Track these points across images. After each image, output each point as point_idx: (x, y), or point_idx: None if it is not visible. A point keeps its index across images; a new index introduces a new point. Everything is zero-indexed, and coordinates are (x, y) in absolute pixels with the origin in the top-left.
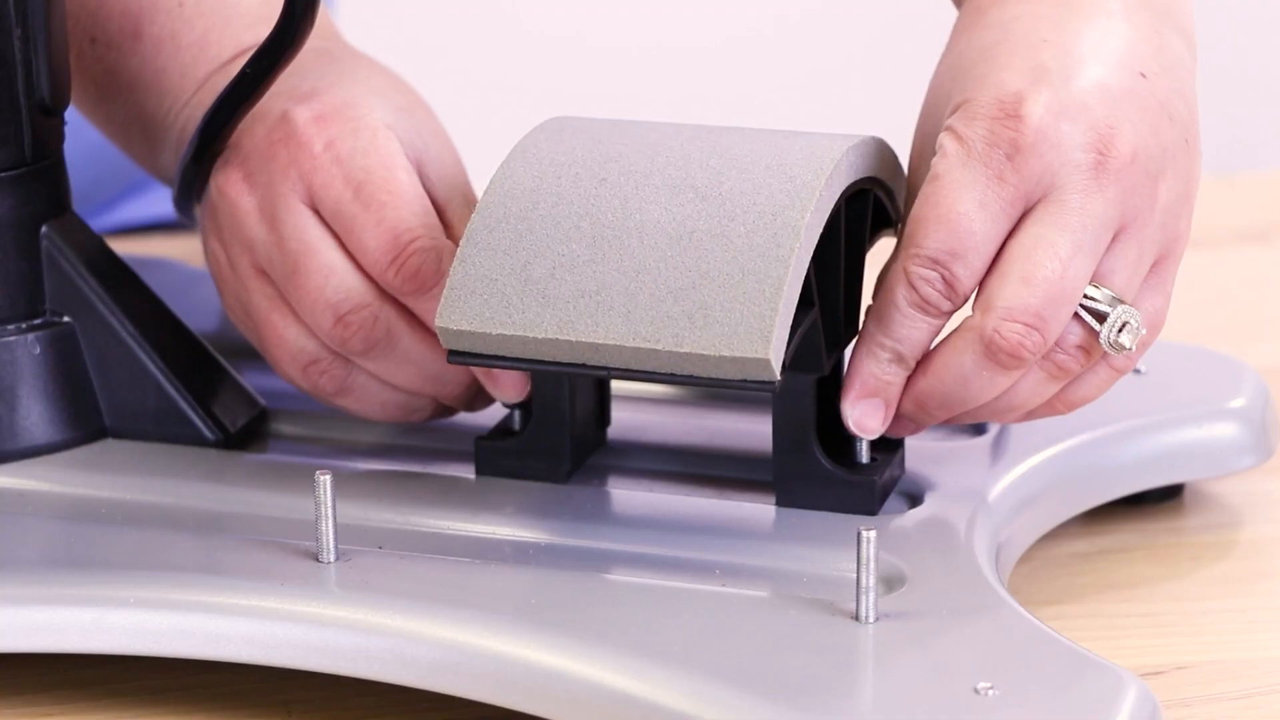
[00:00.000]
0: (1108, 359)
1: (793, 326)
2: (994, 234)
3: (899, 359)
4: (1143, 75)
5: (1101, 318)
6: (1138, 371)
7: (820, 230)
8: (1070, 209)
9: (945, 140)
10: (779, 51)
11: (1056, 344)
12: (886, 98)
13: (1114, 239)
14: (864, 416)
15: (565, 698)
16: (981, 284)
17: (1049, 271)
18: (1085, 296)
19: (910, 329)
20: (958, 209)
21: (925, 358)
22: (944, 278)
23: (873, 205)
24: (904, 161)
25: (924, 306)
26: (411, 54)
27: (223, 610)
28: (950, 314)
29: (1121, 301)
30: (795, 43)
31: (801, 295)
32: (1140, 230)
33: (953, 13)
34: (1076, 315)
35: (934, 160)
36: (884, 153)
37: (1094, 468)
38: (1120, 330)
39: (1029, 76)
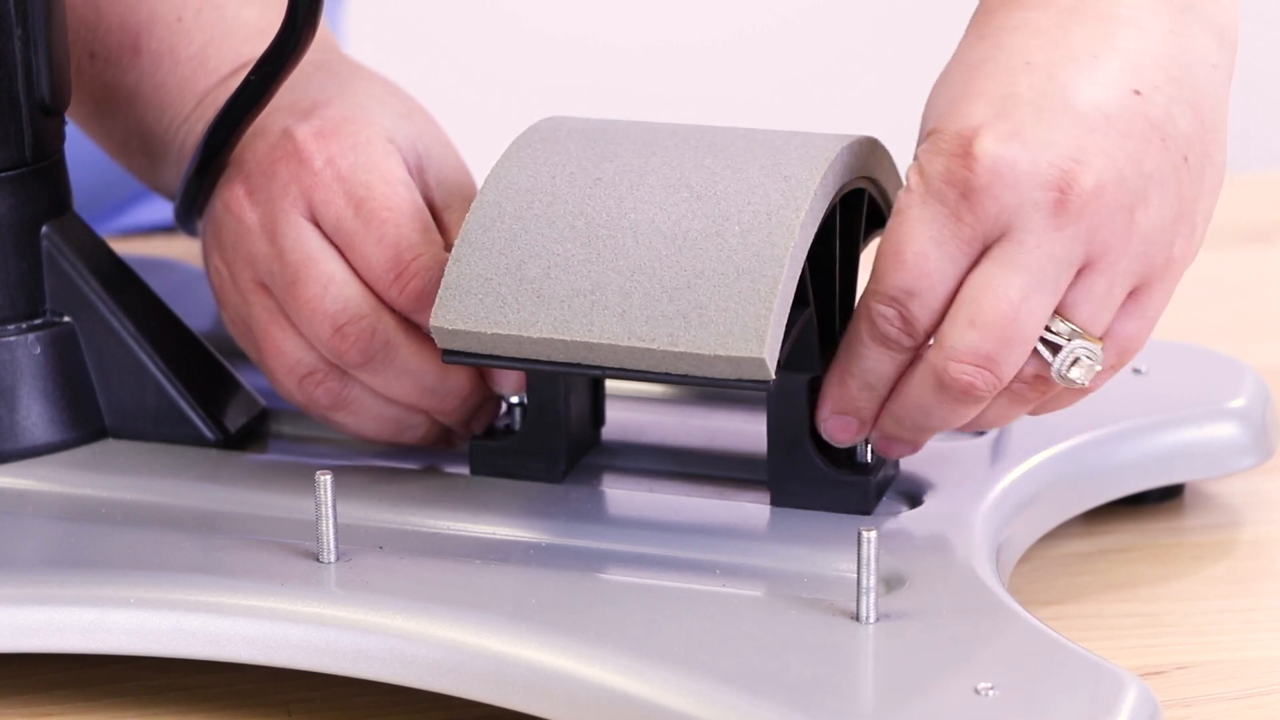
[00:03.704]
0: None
1: (787, 326)
2: (950, 272)
3: (868, 387)
4: (1136, 92)
5: (1055, 350)
6: (1137, 371)
7: (815, 230)
8: (1026, 249)
9: (910, 174)
10: (778, 51)
11: (1015, 375)
12: (885, 98)
13: (1081, 273)
14: (836, 430)
15: (565, 698)
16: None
17: (997, 315)
18: (1046, 329)
19: (875, 362)
20: (913, 248)
21: (896, 384)
22: (901, 315)
23: (867, 205)
24: (900, 162)
25: (885, 342)
26: (411, 53)
27: (223, 610)
28: (913, 349)
29: (1081, 334)
30: (795, 43)
31: (796, 295)
32: (1111, 264)
33: (951, 13)
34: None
35: (900, 193)
36: (879, 152)
37: (1094, 468)
38: (1071, 365)
39: (994, 108)
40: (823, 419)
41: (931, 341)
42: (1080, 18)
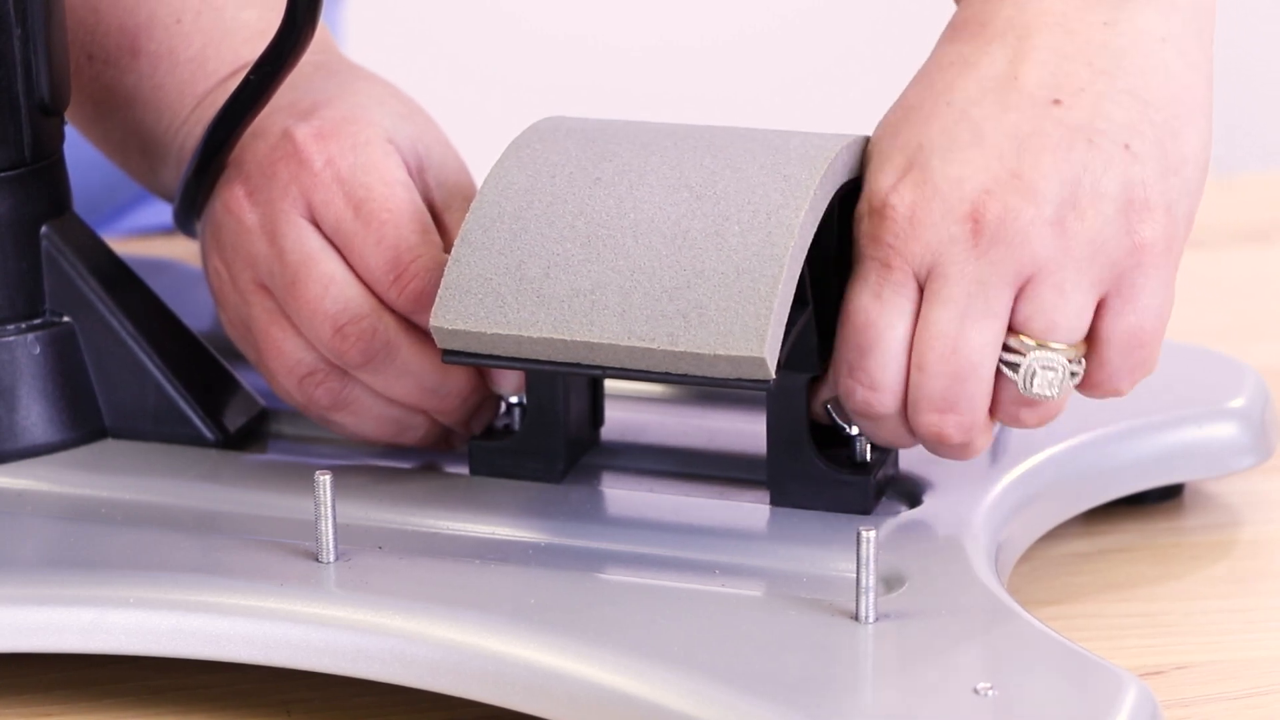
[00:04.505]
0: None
1: (787, 325)
2: (895, 323)
3: (874, 431)
4: (1056, 102)
5: (1014, 368)
6: None
7: (814, 229)
8: (951, 281)
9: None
10: (778, 51)
11: (995, 402)
12: (885, 98)
13: (1023, 289)
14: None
15: (565, 698)
16: None
17: (937, 353)
18: (1006, 349)
19: (873, 428)
20: (855, 306)
21: None
22: (863, 383)
23: None
24: None
25: (866, 413)
26: (411, 53)
27: (223, 610)
28: (896, 410)
29: (1046, 347)
30: (795, 43)
31: (796, 294)
32: (1052, 274)
33: (949, 14)
34: (999, 373)
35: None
36: None
37: (1094, 468)
38: (1031, 379)
39: (907, 160)
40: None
41: None
42: (1004, 38)
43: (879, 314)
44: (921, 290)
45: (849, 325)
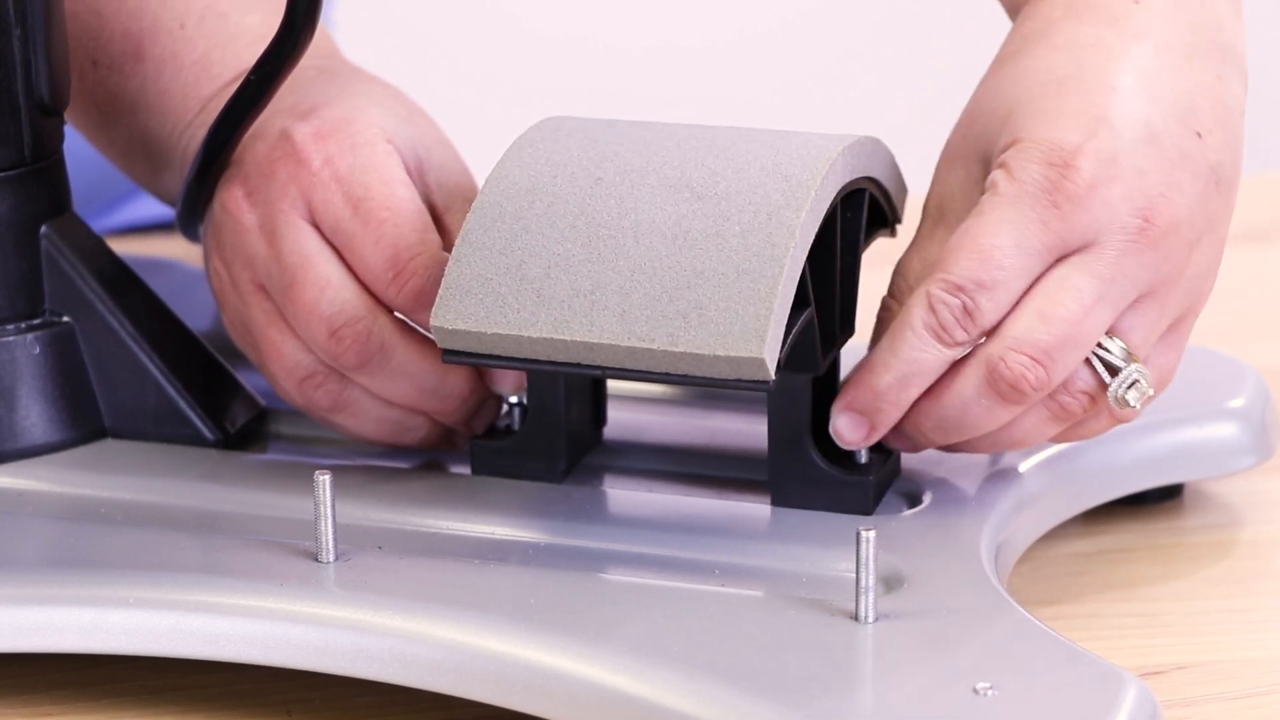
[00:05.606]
0: (1111, 409)
1: (788, 326)
2: (1025, 273)
3: (903, 382)
4: (1199, 135)
5: (1114, 371)
6: None
7: (815, 230)
8: (1104, 261)
9: (998, 176)
10: (778, 52)
11: (1064, 386)
12: (885, 98)
13: (1138, 299)
14: (846, 428)
15: (565, 698)
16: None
17: (1067, 312)
18: (1100, 347)
19: (920, 352)
20: (994, 243)
21: (934, 385)
22: (965, 306)
23: (868, 205)
24: (901, 161)
25: (938, 332)
26: (410, 53)
27: (222, 610)
28: (964, 346)
29: (1134, 359)
30: (795, 43)
31: (797, 295)
32: (1166, 294)
33: (951, 14)
34: (1088, 362)
35: (984, 196)
36: (880, 152)
37: (1094, 468)
38: (1129, 387)
39: (1089, 129)
40: (836, 412)
41: (982, 341)
42: (1146, 46)
43: (1015, 260)
44: (1059, 257)
45: (975, 249)
